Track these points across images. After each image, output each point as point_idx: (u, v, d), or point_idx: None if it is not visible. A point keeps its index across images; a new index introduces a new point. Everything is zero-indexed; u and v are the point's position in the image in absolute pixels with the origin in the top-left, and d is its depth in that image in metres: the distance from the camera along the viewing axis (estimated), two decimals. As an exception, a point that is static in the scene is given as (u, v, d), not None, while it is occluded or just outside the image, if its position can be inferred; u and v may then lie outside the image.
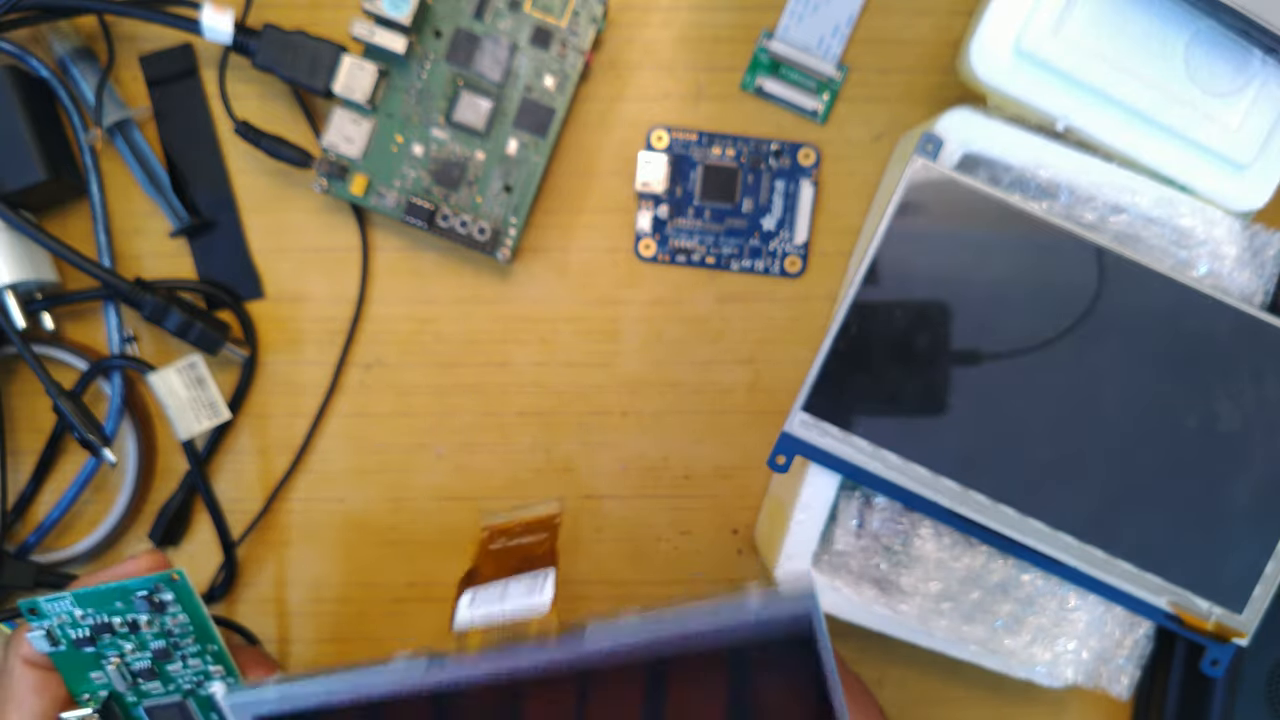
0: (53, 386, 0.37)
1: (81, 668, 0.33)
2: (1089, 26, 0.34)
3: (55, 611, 0.32)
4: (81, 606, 0.32)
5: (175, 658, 0.33)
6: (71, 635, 0.32)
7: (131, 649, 0.33)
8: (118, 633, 0.32)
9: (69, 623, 0.32)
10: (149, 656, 0.33)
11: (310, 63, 0.37)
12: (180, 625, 0.32)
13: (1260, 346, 0.34)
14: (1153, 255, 0.35)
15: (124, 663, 0.33)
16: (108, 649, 0.33)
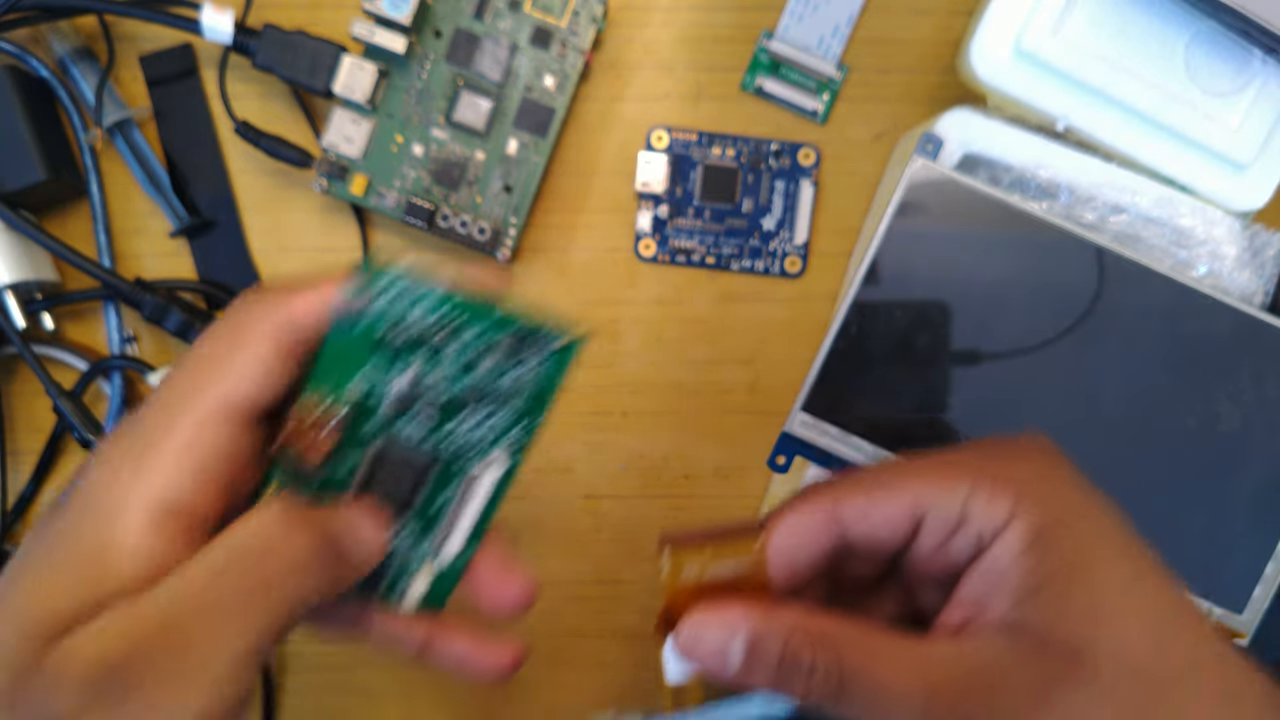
0: (53, 386, 0.37)
1: (351, 363, 0.24)
2: (1089, 26, 0.34)
3: (398, 292, 0.24)
4: (436, 309, 0.24)
5: (473, 413, 0.25)
6: (383, 325, 0.24)
7: (437, 377, 0.25)
8: (439, 351, 0.25)
9: (396, 313, 0.24)
10: (445, 396, 0.25)
11: (310, 63, 0.37)
12: (516, 385, 0.25)
13: (1260, 347, 0.34)
14: (1153, 255, 0.35)
15: (415, 383, 0.25)
16: (406, 358, 0.24)
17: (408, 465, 0.25)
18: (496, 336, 0.25)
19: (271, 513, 0.22)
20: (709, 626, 0.23)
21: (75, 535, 0.21)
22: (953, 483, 0.23)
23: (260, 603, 0.21)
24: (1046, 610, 0.22)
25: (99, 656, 0.20)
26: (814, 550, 0.24)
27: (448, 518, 0.26)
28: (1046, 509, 0.23)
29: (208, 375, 0.23)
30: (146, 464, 0.22)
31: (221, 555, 0.21)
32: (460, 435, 0.25)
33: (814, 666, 0.22)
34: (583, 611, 0.41)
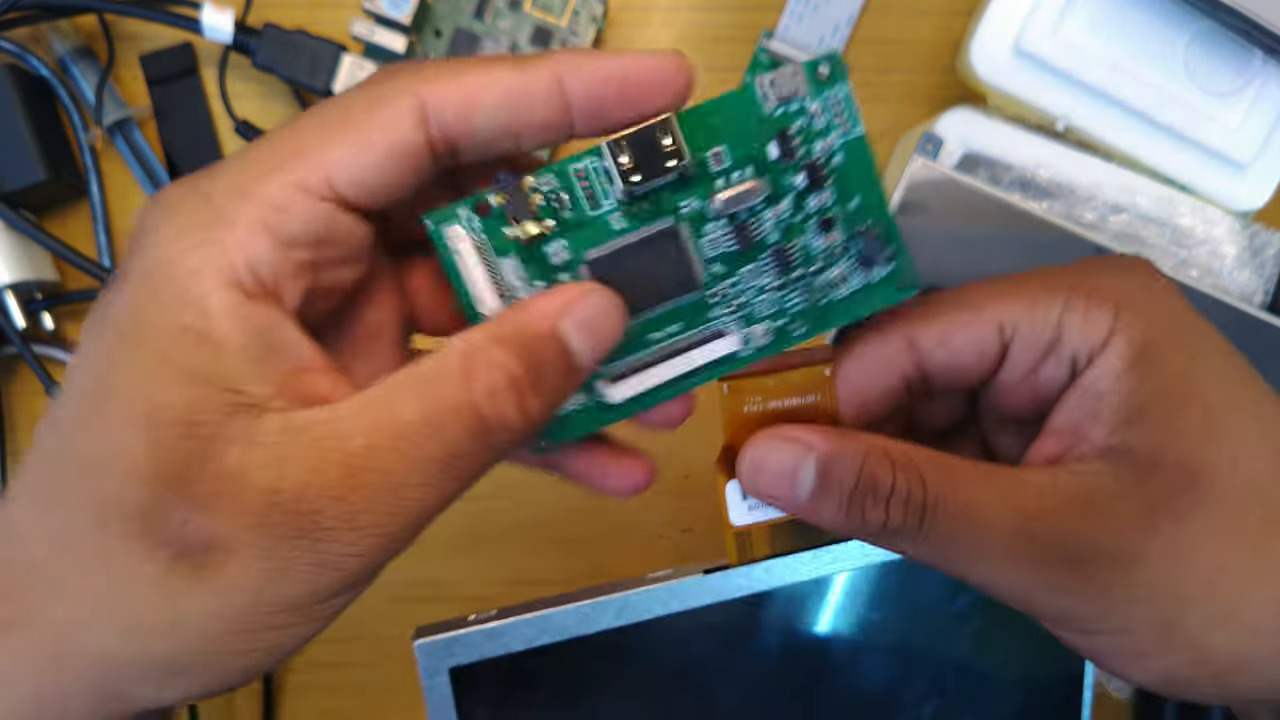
0: (53, 386, 0.37)
1: (732, 133, 0.20)
2: (1089, 26, 0.34)
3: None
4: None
5: (765, 266, 0.21)
6: (786, 120, 0.20)
7: (769, 203, 0.21)
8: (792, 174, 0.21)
9: (794, 117, 0.20)
10: (767, 230, 0.21)
11: (310, 62, 0.37)
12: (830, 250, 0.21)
13: (1260, 346, 0.34)
14: (1153, 255, 0.35)
15: (755, 196, 0.20)
16: (765, 166, 0.21)
17: (673, 273, 0.20)
18: (857, 216, 0.21)
19: (475, 360, 0.18)
20: (776, 450, 0.20)
21: (158, 317, 0.17)
22: (1045, 299, 0.20)
23: (454, 474, 0.18)
24: (1154, 432, 0.19)
25: (273, 485, 0.17)
26: (888, 382, 0.21)
27: (654, 352, 0.21)
28: (1150, 324, 0.20)
29: (312, 139, 0.19)
30: (220, 228, 0.18)
31: (415, 406, 0.18)
32: (743, 285, 0.21)
33: (894, 490, 0.19)
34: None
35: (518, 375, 0.18)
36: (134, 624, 0.17)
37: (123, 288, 0.18)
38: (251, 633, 0.18)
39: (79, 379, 0.18)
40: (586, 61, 0.19)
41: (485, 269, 0.20)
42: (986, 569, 0.19)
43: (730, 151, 0.20)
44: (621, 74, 0.19)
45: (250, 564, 0.17)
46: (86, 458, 0.17)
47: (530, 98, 0.19)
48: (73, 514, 0.17)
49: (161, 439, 0.17)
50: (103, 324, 0.18)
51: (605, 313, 0.20)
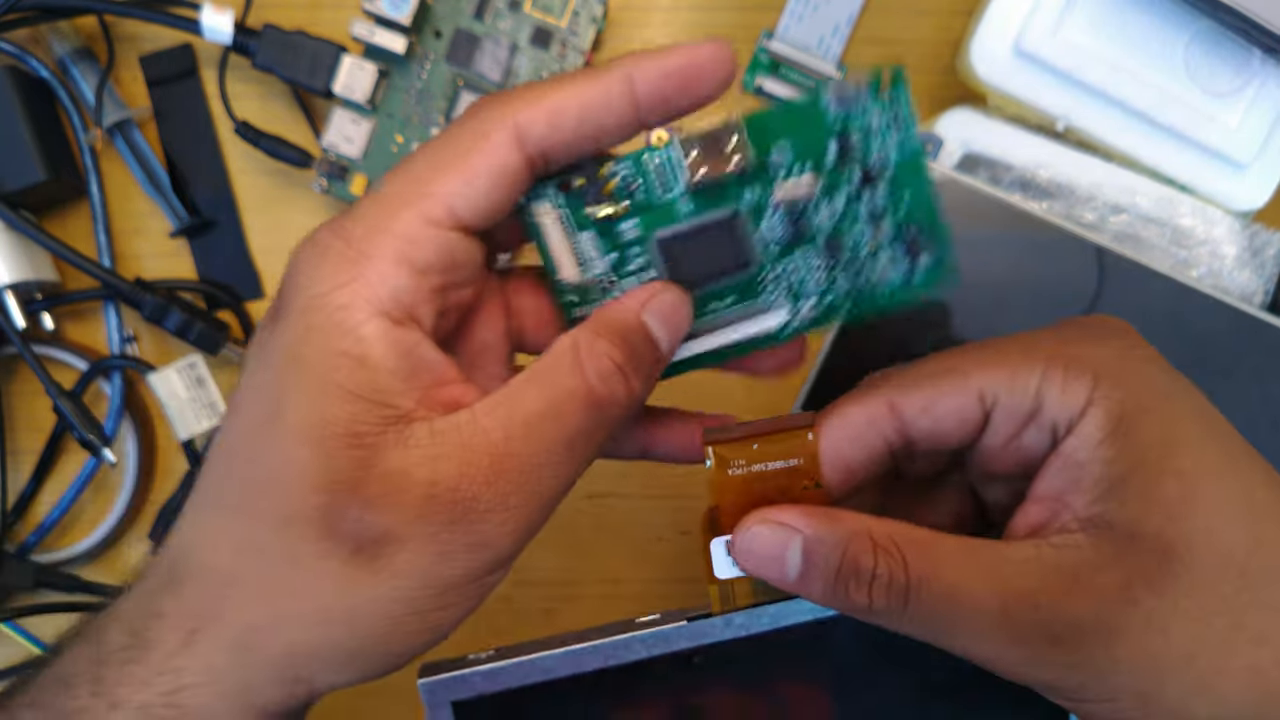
0: (53, 386, 0.37)
1: (795, 131, 0.22)
2: (1089, 26, 0.34)
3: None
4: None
5: (812, 252, 0.23)
6: (846, 124, 0.22)
7: (825, 197, 0.22)
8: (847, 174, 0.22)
9: (857, 121, 0.22)
10: (822, 219, 0.23)
11: (310, 63, 0.37)
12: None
13: (1260, 346, 0.34)
14: (1153, 255, 0.35)
15: (810, 190, 0.22)
16: (825, 164, 0.22)
17: (732, 253, 0.22)
18: (906, 218, 0.23)
19: (584, 351, 0.21)
20: (763, 535, 0.21)
21: (318, 347, 0.20)
22: (1025, 369, 0.21)
23: (578, 451, 0.21)
24: (1133, 503, 0.20)
25: (432, 479, 0.19)
26: (872, 447, 0.22)
27: (711, 320, 0.24)
28: (1127, 392, 0.20)
29: (432, 176, 0.21)
30: (365, 265, 0.20)
31: (539, 396, 0.21)
32: (794, 266, 0.23)
33: (876, 574, 0.20)
34: (582, 611, 0.41)
35: (620, 360, 0.21)
36: (320, 615, 0.20)
37: (285, 323, 0.21)
38: (421, 614, 0.20)
39: (251, 403, 0.21)
40: (649, 62, 0.21)
41: (566, 239, 0.23)
42: (971, 645, 0.20)
43: (791, 151, 0.22)
44: (681, 68, 0.21)
45: (418, 551, 0.19)
46: (266, 472, 0.20)
47: (607, 104, 0.21)
48: (258, 523, 0.20)
49: (331, 450, 0.19)
50: (269, 354, 0.21)
51: (677, 306, 0.23)
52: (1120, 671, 0.20)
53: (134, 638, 0.20)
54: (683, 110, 0.22)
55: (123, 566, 0.41)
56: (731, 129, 0.22)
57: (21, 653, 0.39)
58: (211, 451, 0.21)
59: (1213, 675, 0.20)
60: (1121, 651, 0.20)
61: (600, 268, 0.23)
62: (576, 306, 0.24)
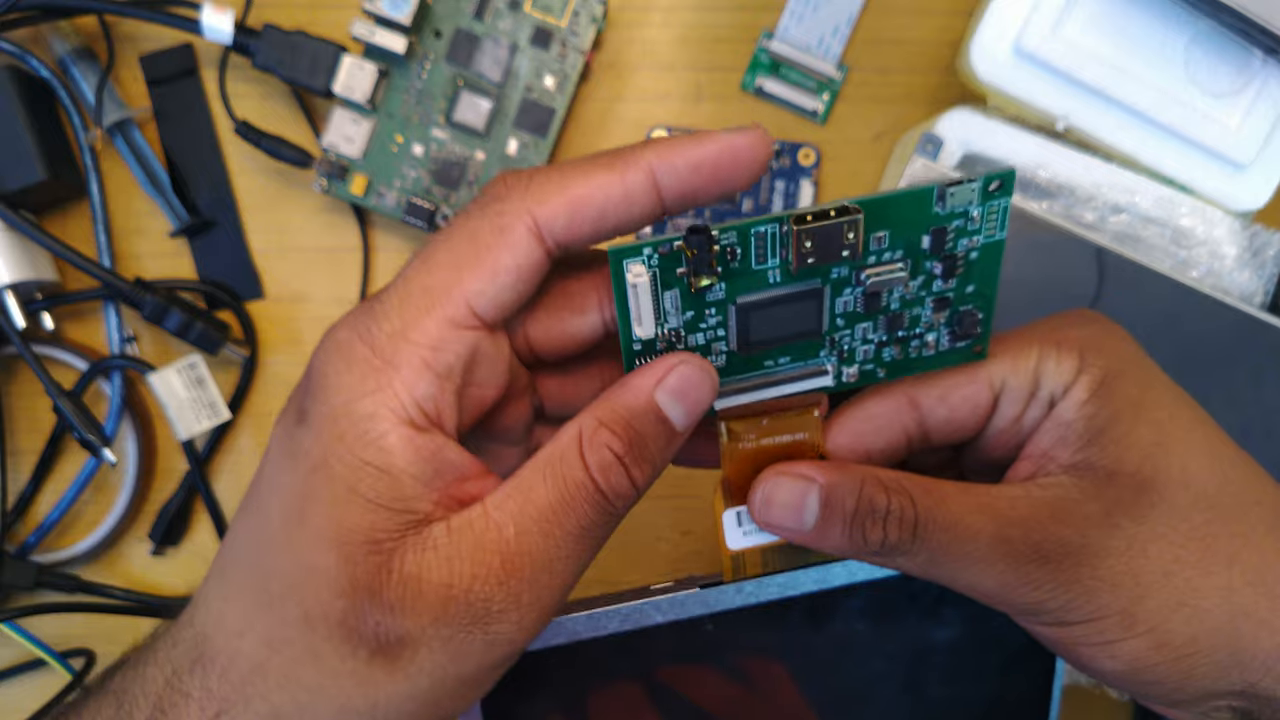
0: (53, 386, 0.37)
1: (904, 215, 0.22)
2: (1089, 26, 0.34)
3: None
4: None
5: (875, 324, 0.24)
6: (947, 217, 0.22)
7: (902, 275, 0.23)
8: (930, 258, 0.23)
9: (956, 212, 0.22)
10: (892, 297, 0.23)
11: (310, 63, 0.37)
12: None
13: (1260, 346, 0.34)
14: (1152, 255, 0.35)
15: (893, 273, 0.23)
16: (917, 251, 0.23)
17: (803, 320, 0.23)
18: (966, 299, 0.24)
19: (589, 441, 0.21)
20: (782, 485, 0.22)
21: (343, 456, 0.20)
22: (1025, 353, 0.23)
23: (588, 542, 0.22)
24: (1111, 447, 0.22)
25: (447, 583, 0.20)
26: (892, 438, 0.24)
27: (764, 376, 0.24)
28: (1109, 361, 0.23)
29: (454, 273, 0.21)
30: (390, 373, 0.21)
31: (548, 489, 0.21)
32: (854, 335, 0.24)
33: (889, 510, 0.22)
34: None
35: (622, 451, 0.21)
36: (341, 710, 0.20)
37: (313, 429, 0.21)
38: (436, 705, 0.21)
39: (279, 501, 0.21)
40: (677, 154, 0.21)
41: (650, 298, 0.22)
42: (972, 572, 0.22)
43: (890, 238, 0.22)
44: (712, 160, 0.21)
45: (434, 652, 0.20)
46: (292, 573, 0.21)
47: (629, 200, 0.21)
48: (285, 619, 0.20)
49: (352, 556, 0.20)
50: (297, 457, 0.21)
51: (696, 381, 0.22)
52: (1104, 589, 0.21)
53: (160, 714, 0.21)
54: (710, 201, 0.22)
55: (123, 567, 0.41)
56: (853, 228, 0.21)
57: (22, 653, 0.39)
58: (237, 533, 0.22)
59: (1189, 592, 0.22)
60: (1105, 570, 0.21)
61: (673, 323, 0.23)
62: (639, 356, 0.23)
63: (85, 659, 0.39)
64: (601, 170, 0.21)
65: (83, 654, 0.39)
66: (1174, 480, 0.22)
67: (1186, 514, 0.22)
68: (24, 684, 0.40)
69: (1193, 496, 0.22)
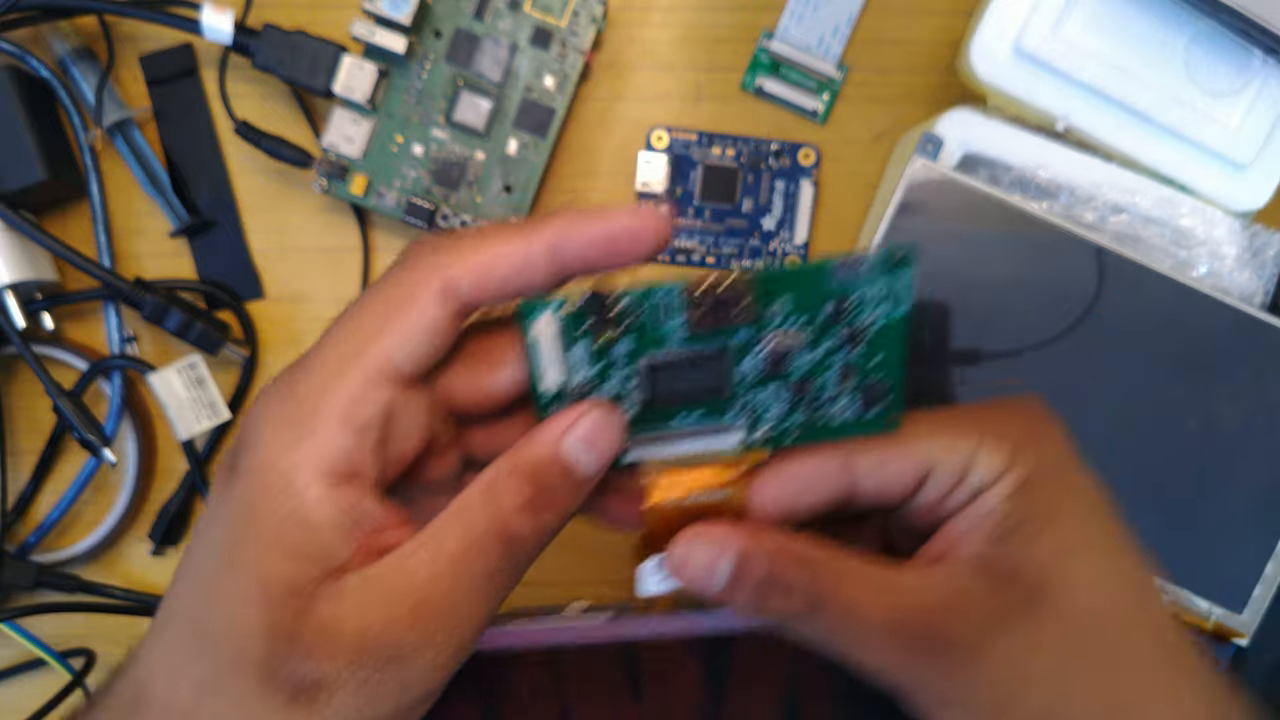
0: (53, 386, 0.37)
1: (798, 291, 0.23)
2: (1089, 26, 0.34)
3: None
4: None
5: (780, 391, 0.24)
6: (843, 293, 0.23)
7: (805, 345, 0.24)
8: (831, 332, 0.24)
9: (865, 292, 0.23)
10: (799, 365, 0.24)
11: (310, 63, 0.37)
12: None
13: (1260, 346, 0.34)
14: (1153, 255, 0.35)
15: (795, 341, 0.24)
16: (819, 325, 0.23)
17: (710, 380, 0.24)
18: (872, 371, 0.24)
19: (497, 489, 0.23)
20: (700, 546, 0.23)
21: (268, 508, 0.22)
22: (961, 440, 0.24)
23: (497, 584, 0.23)
24: (1017, 550, 0.23)
25: (361, 628, 0.21)
26: (820, 497, 0.24)
27: (675, 430, 0.25)
28: (1037, 462, 0.24)
29: (370, 334, 0.23)
30: (311, 429, 0.22)
31: (457, 536, 0.22)
32: (762, 397, 0.24)
33: (792, 586, 0.23)
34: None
35: (528, 497, 0.23)
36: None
37: (240, 481, 0.22)
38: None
39: (209, 552, 0.23)
40: (580, 229, 0.23)
41: (556, 352, 0.24)
42: (860, 650, 0.23)
43: (790, 306, 0.23)
44: (609, 236, 0.23)
45: (350, 694, 0.21)
46: (220, 620, 0.22)
47: (530, 267, 0.23)
48: (215, 666, 0.22)
49: (273, 603, 0.21)
50: (226, 508, 0.23)
51: (603, 427, 0.24)
52: (982, 686, 0.23)
53: None
54: (609, 271, 0.24)
55: (123, 566, 0.41)
56: (742, 293, 0.23)
57: (22, 653, 0.39)
58: (175, 583, 0.23)
59: (1061, 704, 0.23)
60: (987, 667, 0.22)
61: (583, 376, 0.24)
62: (549, 407, 0.24)
63: (85, 659, 0.39)
64: (505, 239, 0.23)
65: (83, 654, 0.39)
66: (1068, 592, 0.23)
67: (1075, 628, 0.23)
68: (24, 684, 0.40)
69: (1083, 611, 0.23)
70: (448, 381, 0.24)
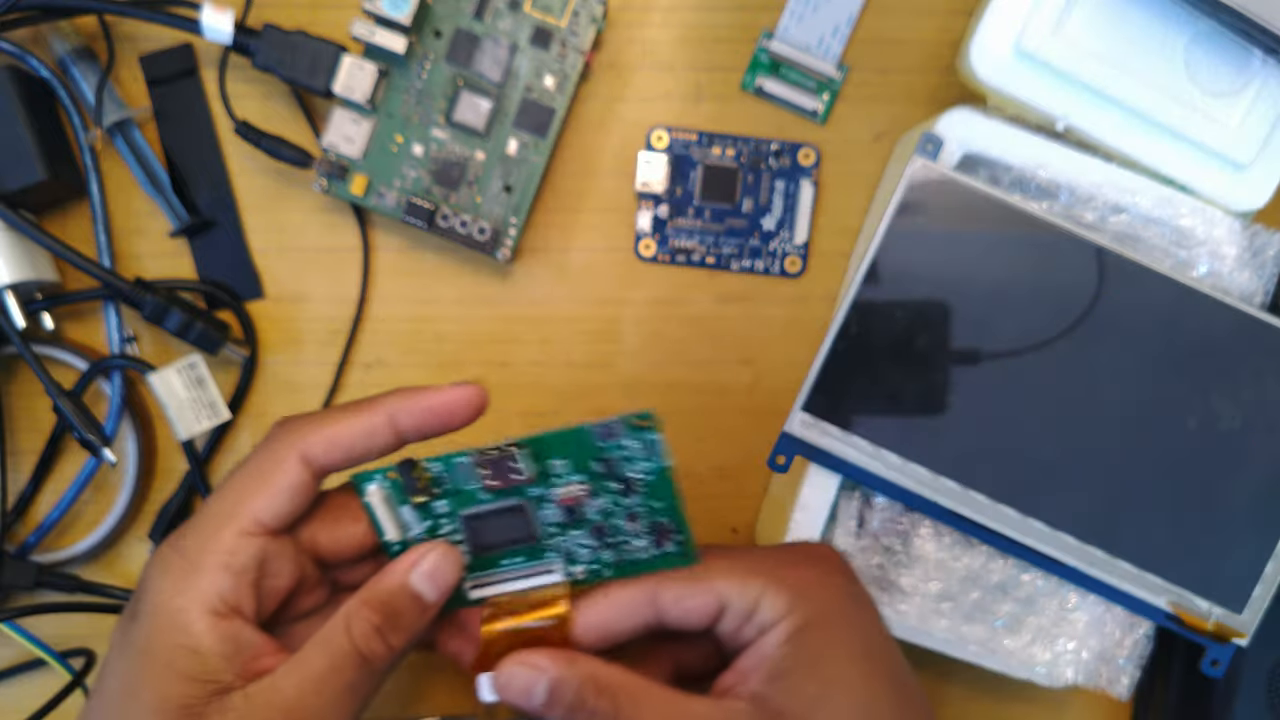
0: (53, 386, 0.37)
1: (567, 453, 0.28)
2: (1089, 26, 0.34)
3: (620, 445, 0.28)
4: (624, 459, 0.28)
5: (581, 533, 0.30)
6: (607, 452, 0.28)
7: (594, 497, 0.29)
8: (609, 481, 0.29)
9: (615, 452, 0.28)
10: (588, 514, 0.29)
11: (310, 63, 0.37)
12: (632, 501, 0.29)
13: (1260, 346, 0.34)
14: (1153, 255, 0.35)
15: (585, 494, 0.29)
16: (592, 476, 0.29)
17: (520, 529, 0.30)
18: (655, 514, 0.29)
19: (352, 619, 0.28)
20: (519, 672, 0.28)
21: (163, 641, 0.27)
22: (750, 582, 0.28)
23: (356, 697, 0.28)
24: (785, 691, 0.27)
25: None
26: (632, 624, 0.29)
27: (503, 573, 0.31)
28: (813, 610, 0.28)
29: (241, 496, 0.28)
30: (197, 575, 0.27)
31: (319, 659, 0.27)
32: (568, 540, 0.30)
33: (595, 710, 0.27)
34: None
35: (379, 623, 0.28)
36: None
37: (139, 622, 0.27)
38: None
39: (115, 682, 0.27)
40: (413, 403, 0.29)
41: (390, 510, 0.30)
42: None
43: (567, 465, 0.29)
44: (438, 409, 0.29)
45: None
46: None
47: (373, 435, 0.29)
48: None
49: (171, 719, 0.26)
50: (128, 645, 0.27)
51: (441, 564, 0.29)
52: None
53: None
54: (438, 434, 0.30)
55: (123, 566, 0.41)
56: (511, 456, 0.28)
57: (22, 653, 0.39)
58: (86, 715, 0.28)
59: None
60: None
61: (418, 530, 0.30)
62: (396, 553, 0.30)
63: (85, 659, 0.39)
64: (350, 415, 0.29)
65: (83, 654, 0.39)
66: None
67: None
68: (24, 684, 0.40)
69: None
70: (312, 533, 0.30)
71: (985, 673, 0.36)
